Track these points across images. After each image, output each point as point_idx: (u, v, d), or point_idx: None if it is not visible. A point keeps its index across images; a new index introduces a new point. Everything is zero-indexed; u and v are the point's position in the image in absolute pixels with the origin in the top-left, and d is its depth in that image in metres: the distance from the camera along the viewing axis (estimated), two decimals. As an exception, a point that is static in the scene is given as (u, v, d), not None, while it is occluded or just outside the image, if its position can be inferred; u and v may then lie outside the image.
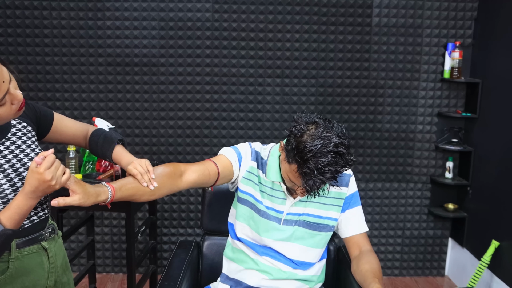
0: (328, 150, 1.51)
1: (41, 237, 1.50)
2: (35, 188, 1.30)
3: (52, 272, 1.54)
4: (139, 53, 3.29)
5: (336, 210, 1.83)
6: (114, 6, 3.22)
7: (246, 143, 1.87)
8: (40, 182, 1.28)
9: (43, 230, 1.52)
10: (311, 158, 1.50)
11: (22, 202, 1.32)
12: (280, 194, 1.79)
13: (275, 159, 1.78)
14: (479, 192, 3.31)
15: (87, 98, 3.33)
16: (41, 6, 3.20)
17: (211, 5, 3.24)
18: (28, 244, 1.46)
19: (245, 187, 1.83)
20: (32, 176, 1.28)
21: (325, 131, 1.54)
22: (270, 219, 1.79)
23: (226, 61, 3.33)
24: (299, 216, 1.80)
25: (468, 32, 3.37)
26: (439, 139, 3.49)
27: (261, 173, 1.81)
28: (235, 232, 1.89)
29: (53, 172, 1.28)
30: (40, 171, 1.27)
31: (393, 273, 3.66)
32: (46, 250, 1.52)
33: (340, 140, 1.54)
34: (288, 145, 1.59)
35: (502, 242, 2.96)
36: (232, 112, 3.40)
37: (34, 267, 1.48)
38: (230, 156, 1.81)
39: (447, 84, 3.43)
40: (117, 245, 3.52)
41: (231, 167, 1.80)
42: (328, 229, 1.84)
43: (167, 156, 3.42)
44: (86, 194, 1.38)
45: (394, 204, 3.57)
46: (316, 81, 3.39)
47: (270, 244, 1.81)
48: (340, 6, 3.28)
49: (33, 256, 1.48)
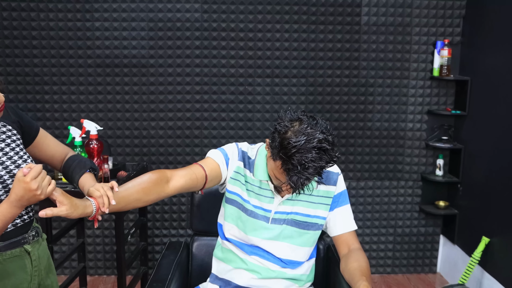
0: (311, 146, 1.52)
1: (24, 240, 1.50)
2: (20, 197, 1.30)
3: (35, 276, 1.53)
4: (129, 54, 3.28)
5: (324, 208, 1.83)
6: (103, 7, 3.21)
7: (233, 143, 1.87)
8: (26, 191, 1.29)
9: (26, 233, 1.51)
10: (295, 154, 1.52)
11: (7, 210, 1.32)
12: (268, 193, 1.79)
13: (263, 158, 1.79)
14: (470, 189, 3.32)
15: (76, 100, 3.32)
16: (28, 7, 3.18)
17: (200, 5, 3.24)
18: (11, 248, 1.45)
19: (232, 187, 1.83)
20: (18, 185, 1.29)
21: (309, 128, 1.56)
22: (258, 218, 1.79)
23: (216, 61, 3.32)
24: (287, 215, 1.80)
25: (457, 30, 3.38)
26: (429, 137, 3.50)
27: (248, 172, 1.82)
28: (223, 232, 1.90)
29: (39, 182, 1.29)
30: (26, 180, 1.27)
31: (385, 270, 3.67)
32: (29, 253, 1.51)
33: (324, 136, 1.55)
34: (273, 142, 1.60)
35: (492, 238, 2.98)
36: (222, 112, 3.40)
37: (16, 270, 1.47)
38: (217, 158, 1.81)
39: (436, 82, 3.44)
40: (108, 247, 3.50)
41: (218, 169, 1.80)
42: (317, 228, 1.84)
43: (157, 157, 3.41)
44: (73, 206, 1.39)
45: (386, 202, 3.58)
46: (306, 81, 3.39)
47: (259, 243, 1.81)
48: (329, 5, 3.29)
49: (15, 259, 1.47)
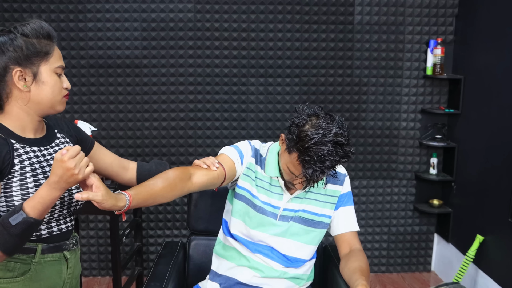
0: (328, 139, 1.56)
1: (65, 247, 1.54)
2: (59, 177, 1.30)
3: (68, 282, 1.57)
4: (122, 54, 3.27)
5: (330, 207, 1.86)
6: (96, 7, 3.19)
7: (246, 141, 1.90)
8: (64, 170, 1.29)
9: (68, 240, 1.56)
10: (312, 147, 1.56)
11: (46, 192, 1.33)
12: (277, 189, 1.82)
13: (274, 155, 1.83)
14: (464, 188, 3.34)
15: (69, 101, 3.30)
16: (21, 8, 3.16)
17: (193, 5, 3.23)
18: (53, 251, 1.50)
19: (243, 183, 1.85)
20: (56, 165, 1.30)
21: (326, 122, 1.60)
22: (266, 214, 1.81)
23: (209, 61, 3.32)
24: (295, 212, 1.82)
25: (450, 29, 3.40)
26: (423, 135, 3.52)
27: (259, 168, 1.84)
28: (229, 229, 1.90)
29: (76, 161, 1.30)
30: (64, 159, 1.28)
31: (380, 269, 3.68)
32: (67, 260, 1.55)
33: (340, 131, 1.60)
34: (290, 134, 1.64)
35: (486, 237, 3.00)
36: (216, 112, 3.39)
37: (53, 274, 1.51)
38: (232, 156, 1.82)
39: (429, 80, 3.46)
40: (103, 248, 3.49)
41: (234, 167, 1.82)
42: (323, 226, 1.86)
43: (151, 157, 3.40)
44: (108, 193, 1.37)
45: (380, 201, 3.59)
46: (299, 80, 3.39)
47: (265, 239, 1.82)
48: (322, 4, 3.29)
49: (54, 263, 1.51)
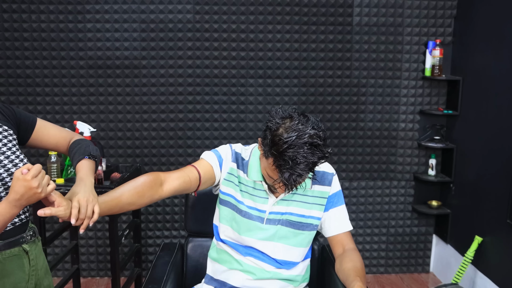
0: (303, 141, 1.53)
1: (22, 240, 1.51)
2: (21, 196, 1.30)
3: (33, 275, 1.54)
4: (121, 55, 3.27)
5: (319, 209, 1.83)
6: (95, 8, 3.19)
7: (227, 145, 1.87)
8: (26, 189, 1.29)
9: (24, 232, 1.53)
10: (287, 150, 1.53)
11: (6, 210, 1.32)
12: (262, 193, 1.80)
13: (257, 159, 1.79)
14: (462, 189, 3.34)
15: (68, 102, 3.30)
16: (20, 9, 3.16)
17: (192, 6, 3.24)
18: (10, 247, 1.47)
19: (226, 188, 1.83)
20: (18, 184, 1.29)
21: (300, 124, 1.57)
22: (252, 219, 1.79)
23: (208, 62, 3.32)
24: (282, 215, 1.80)
25: (448, 30, 3.40)
26: (421, 136, 3.52)
27: (241, 173, 1.82)
28: (219, 234, 1.90)
29: (39, 180, 1.30)
30: (27, 178, 1.28)
31: (379, 270, 3.68)
32: (27, 252, 1.53)
33: (315, 132, 1.56)
34: (265, 139, 1.61)
35: (485, 238, 3.00)
36: (215, 113, 3.39)
37: (15, 270, 1.49)
38: (210, 160, 1.81)
39: (428, 82, 3.46)
40: (102, 248, 3.49)
41: (212, 171, 1.80)
42: (311, 228, 1.84)
43: (150, 158, 3.41)
44: (70, 208, 1.40)
45: (378, 202, 3.59)
46: (298, 81, 3.40)
47: (253, 244, 1.80)
48: (321, 5, 3.29)
49: (14, 259, 1.49)
